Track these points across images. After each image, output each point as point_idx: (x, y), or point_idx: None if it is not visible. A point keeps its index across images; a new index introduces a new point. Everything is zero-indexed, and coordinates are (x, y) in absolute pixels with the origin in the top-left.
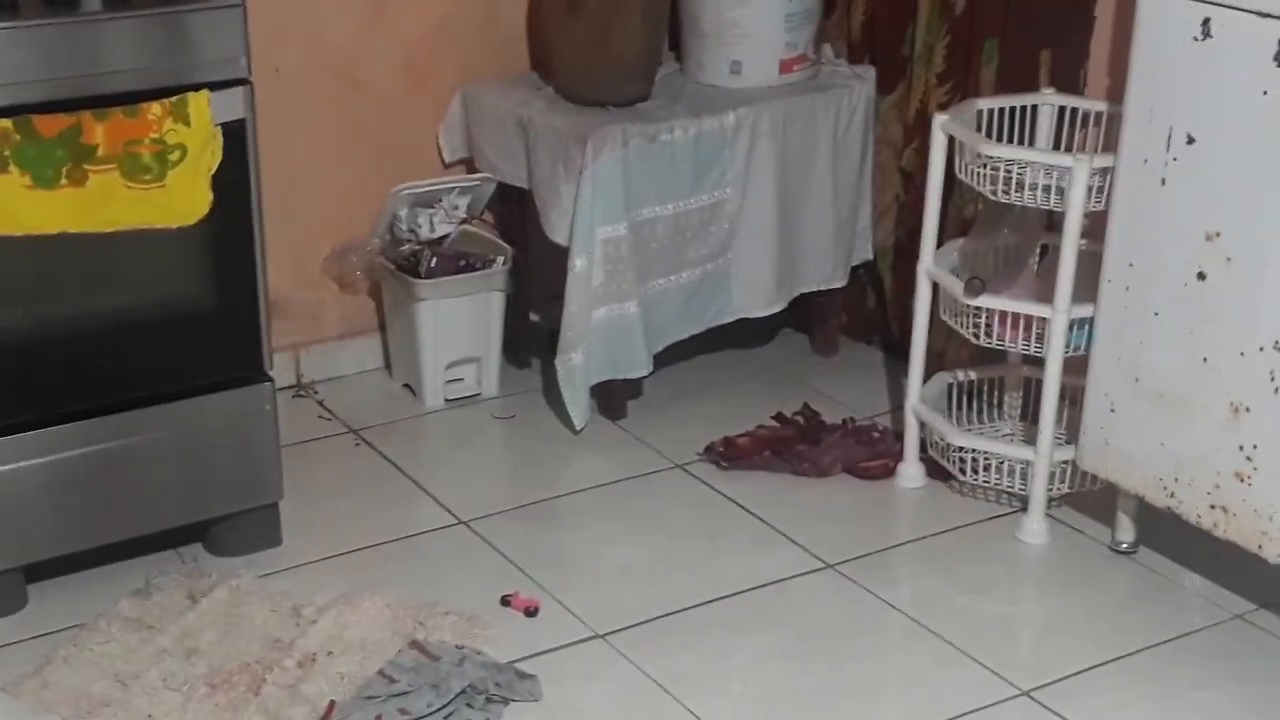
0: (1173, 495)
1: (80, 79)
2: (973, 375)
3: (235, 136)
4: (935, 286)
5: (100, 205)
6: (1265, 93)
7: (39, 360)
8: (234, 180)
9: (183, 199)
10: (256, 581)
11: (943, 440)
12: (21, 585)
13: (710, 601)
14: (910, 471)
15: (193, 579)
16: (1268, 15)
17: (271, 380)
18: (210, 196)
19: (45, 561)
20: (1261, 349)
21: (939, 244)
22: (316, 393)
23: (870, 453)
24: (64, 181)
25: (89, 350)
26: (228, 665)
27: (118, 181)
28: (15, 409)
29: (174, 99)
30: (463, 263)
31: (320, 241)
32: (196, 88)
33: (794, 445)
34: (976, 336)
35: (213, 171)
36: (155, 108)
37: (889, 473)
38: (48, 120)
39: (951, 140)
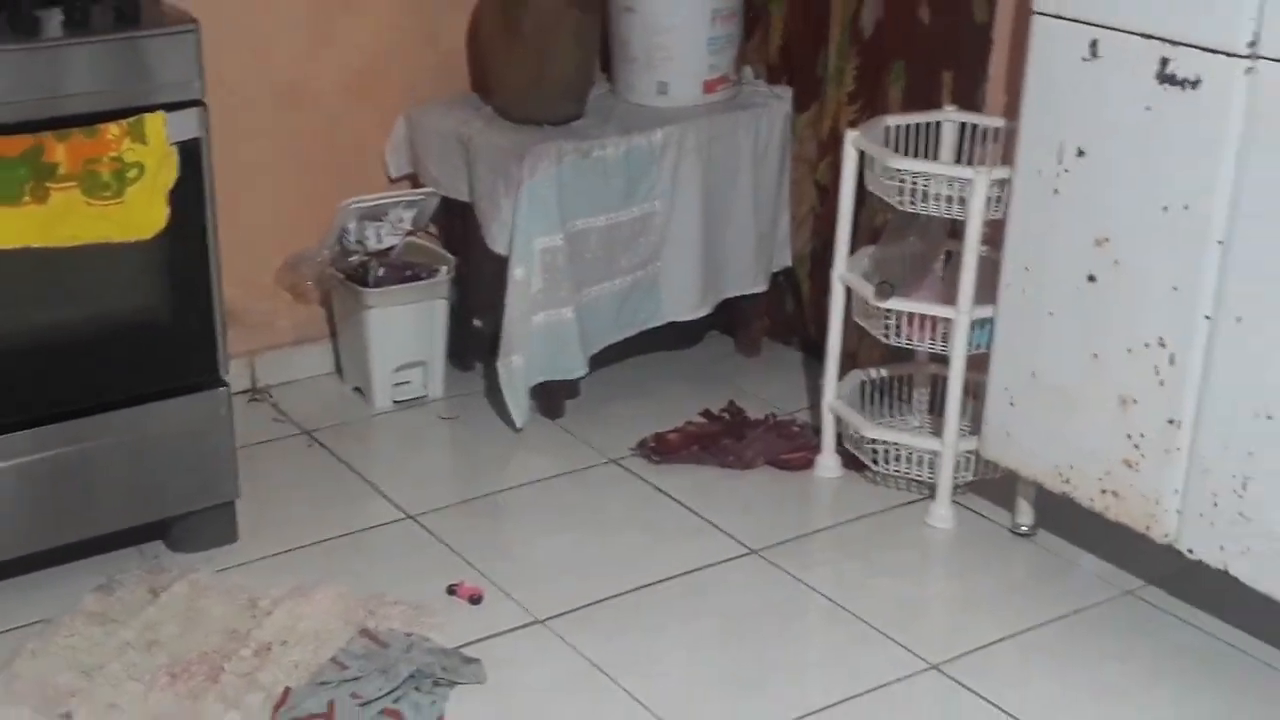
0: (1068, 481)
1: (42, 101)
2: (884, 373)
3: (190, 154)
4: (848, 291)
5: (62, 221)
6: (1148, 108)
7: (20, 366)
8: (189, 196)
9: (140, 214)
10: (214, 576)
11: (857, 433)
12: None
13: (643, 587)
14: (827, 463)
15: (153, 575)
16: (1151, 36)
17: (227, 385)
18: (166, 212)
19: (10, 560)
20: (1147, 345)
21: (851, 251)
22: (271, 396)
23: (790, 446)
24: (27, 199)
25: (51, 358)
26: (187, 656)
27: (78, 198)
28: None
29: (131, 120)
30: (408, 272)
31: (272, 253)
32: (153, 109)
33: (720, 440)
34: (886, 337)
35: (169, 188)
36: (114, 128)
37: (808, 464)
38: (10, 141)
39: (862, 155)
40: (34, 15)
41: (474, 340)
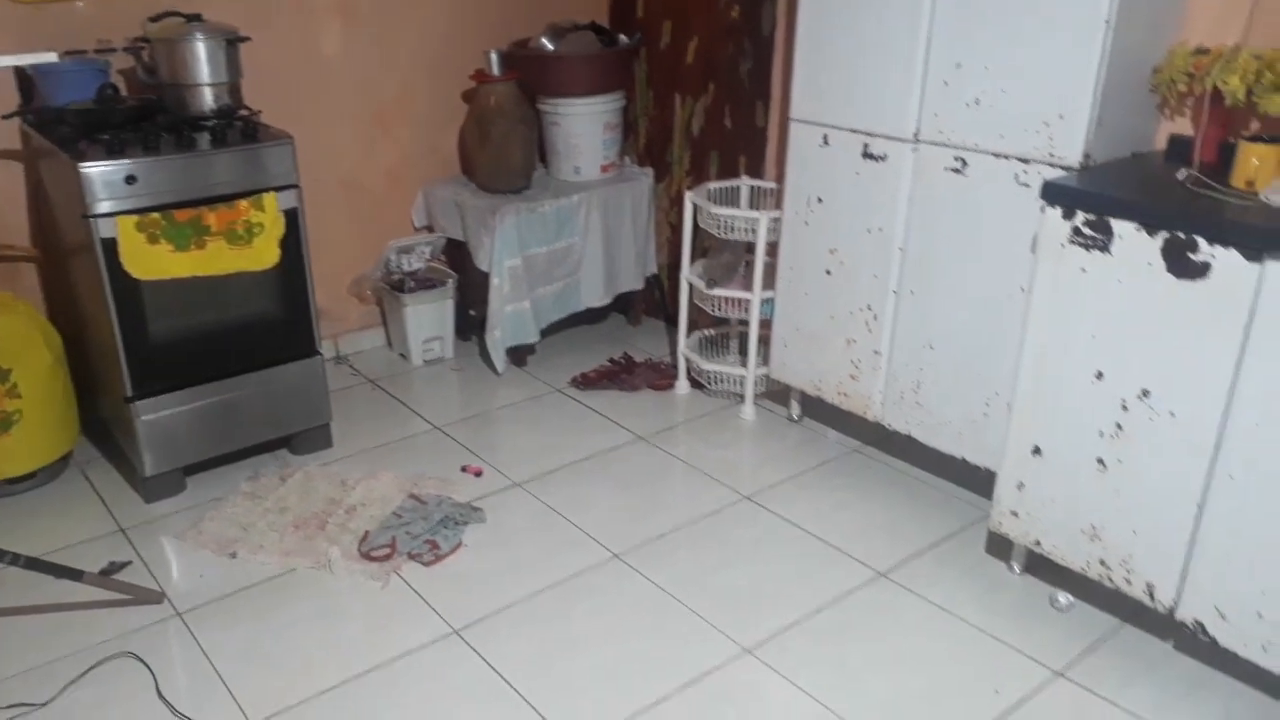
0: (819, 389)
1: (199, 187)
2: (712, 332)
3: (292, 218)
4: (690, 286)
5: (215, 259)
6: (857, 173)
7: (196, 346)
8: (293, 243)
9: (263, 254)
10: (320, 468)
11: (699, 367)
12: (181, 478)
13: (578, 461)
14: (682, 386)
15: (282, 469)
16: (857, 130)
17: (321, 354)
18: (279, 253)
19: (197, 462)
20: (860, 309)
21: (691, 262)
22: (348, 361)
23: (661, 376)
24: (193, 247)
25: (222, 339)
26: (305, 515)
27: (224, 245)
28: (180, 374)
29: (254, 197)
30: (430, 283)
31: (345, 275)
32: (268, 190)
33: (619, 375)
34: (714, 311)
35: (280, 238)
36: (244, 203)
37: (671, 387)
38: (181, 213)
39: (695, 207)
40: (191, 135)
41: (471, 322)
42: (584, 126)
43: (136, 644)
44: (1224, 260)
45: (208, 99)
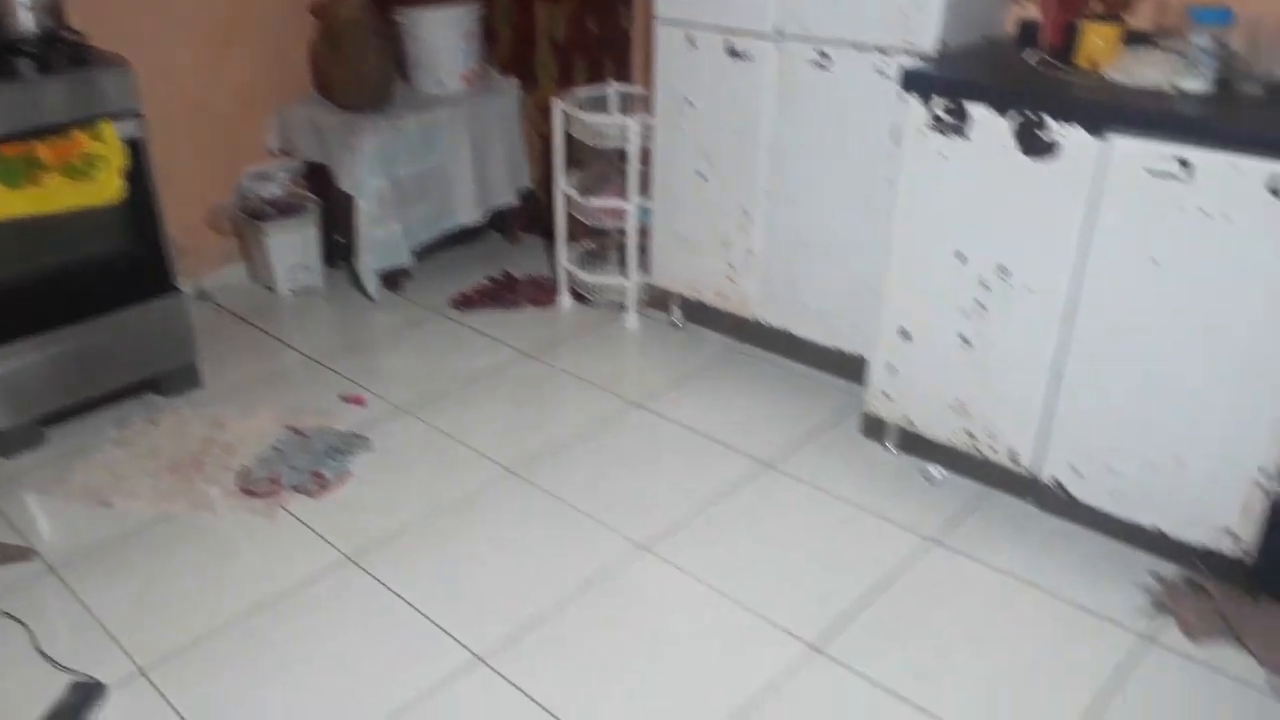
0: (698, 291)
1: (26, 118)
2: (592, 245)
3: (135, 147)
4: (567, 197)
5: (54, 196)
6: (724, 73)
7: (42, 289)
8: (138, 175)
9: (105, 188)
10: (192, 410)
11: (580, 280)
12: (39, 430)
13: (464, 382)
14: (565, 301)
15: (151, 413)
16: (720, 28)
17: (181, 291)
18: (123, 186)
19: (53, 413)
20: (732, 210)
21: (565, 173)
22: (212, 297)
23: (543, 293)
24: (26, 185)
25: (70, 281)
26: (180, 458)
27: (62, 181)
28: (26, 321)
29: (91, 127)
30: (291, 210)
31: (200, 208)
32: (105, 118)
33: (500, 293)
34: (592, 223)
35: (123, 170)
36: (80, 134)
37: (554, 302)
38: (8, 147)
39: (565, 115)
40: (11, 61)
41: (339, 249)
42: (441, 36)
43: (9, 603)
44: (1070, 137)
45: (26, 20)
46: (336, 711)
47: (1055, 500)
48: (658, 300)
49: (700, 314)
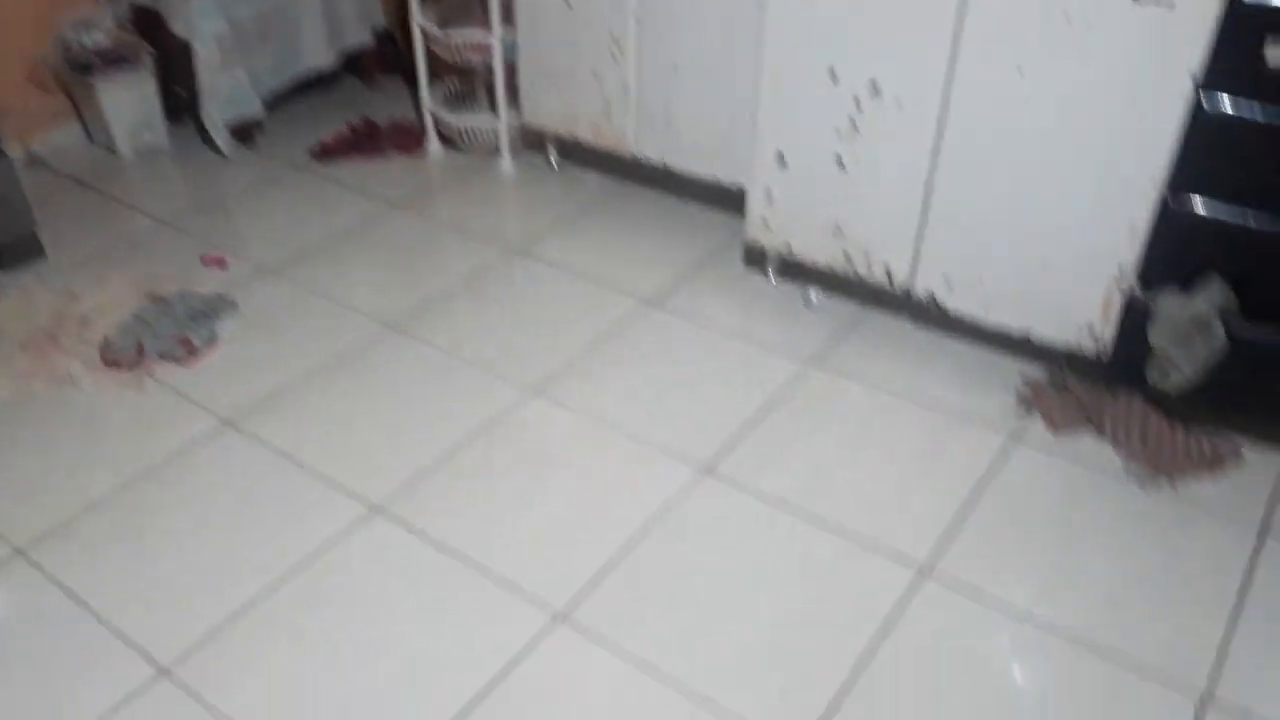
0: (573, 129)
1: None
2: (458, 84)
3: None
4: (424, 32)
5: None
6: None
7: None
8: None
9: None
10: (37, 282)
11: (447, 123)
12: None
13: (332, 237)
14: (433, 147)
15: None
16: None
17: (8, 156)
18: None
19: None
20: (602, 39)
21: (422, 4)
22: (45, 163)
23: (409, 139)
24: None
25: None
26: (31, 333)
27: None
28: None
29: None
30: (122, 61)
31: (17, 62)
32: None
33: (362, 142)
34: (454, 58)
35: None
36: None
37: (421, 148)
38: None
39: None
40: None
41: (180, 102)
42: None
43: None
44: None
45: None
46: (233, 572)
47: (929, 314)
48: (533, 141)
49: (577, 154)
